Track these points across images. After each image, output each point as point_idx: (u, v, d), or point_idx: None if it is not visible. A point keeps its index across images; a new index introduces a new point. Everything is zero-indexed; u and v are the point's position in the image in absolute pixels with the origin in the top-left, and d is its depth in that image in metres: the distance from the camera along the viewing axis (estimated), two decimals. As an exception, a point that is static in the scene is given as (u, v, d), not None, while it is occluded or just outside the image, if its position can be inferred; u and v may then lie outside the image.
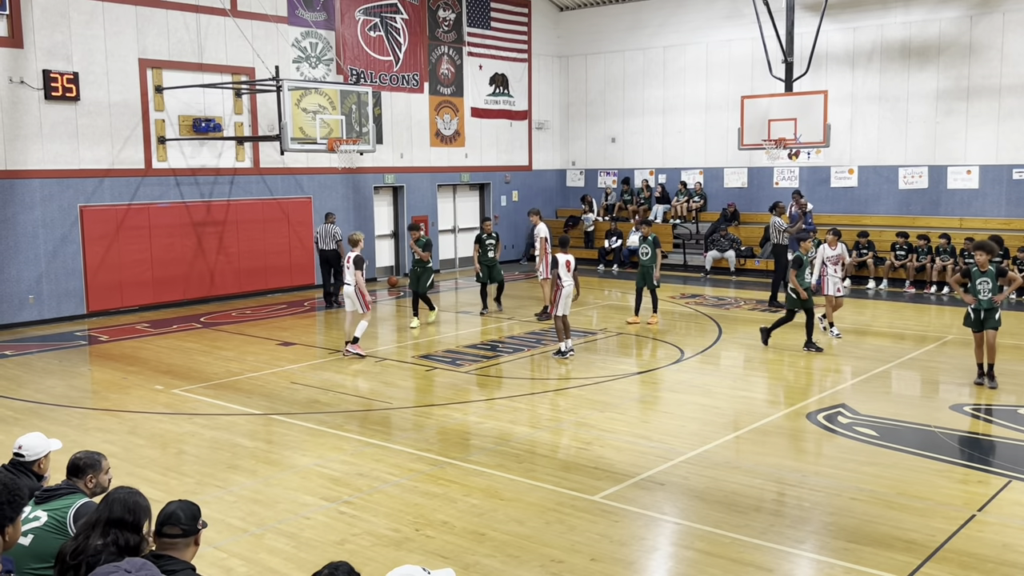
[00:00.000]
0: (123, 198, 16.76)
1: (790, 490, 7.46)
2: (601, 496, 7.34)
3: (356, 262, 12.79)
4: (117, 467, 7.79)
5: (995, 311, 10.73)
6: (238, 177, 18.56)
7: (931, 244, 18.97)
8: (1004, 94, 19.19)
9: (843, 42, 20.97)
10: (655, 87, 24.20)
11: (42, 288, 15.80)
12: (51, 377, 11.93)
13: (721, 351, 13.15)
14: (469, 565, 6.11)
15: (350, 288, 12.85)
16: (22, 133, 15.40)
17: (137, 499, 4.12)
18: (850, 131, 21.03)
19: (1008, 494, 7.29)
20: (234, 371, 12.13)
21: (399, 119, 21.80)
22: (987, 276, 10.72)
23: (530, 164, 25.58)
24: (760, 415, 9.70)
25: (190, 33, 17.48)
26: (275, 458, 8.51)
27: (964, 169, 19.86)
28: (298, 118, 16.54)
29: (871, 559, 6.12)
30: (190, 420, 9.81)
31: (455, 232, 24.11)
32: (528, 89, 25.20)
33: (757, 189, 22.78)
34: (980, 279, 10.69)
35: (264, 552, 6.38)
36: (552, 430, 9.37)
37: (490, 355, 13.07)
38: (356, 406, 10.42)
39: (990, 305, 10.69)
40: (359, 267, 12.79)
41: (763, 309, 16.58)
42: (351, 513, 7.07)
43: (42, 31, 15.49)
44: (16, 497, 3.53)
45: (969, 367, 11.45)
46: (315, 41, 19.77)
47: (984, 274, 10.72)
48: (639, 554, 6.38)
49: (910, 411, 9.84)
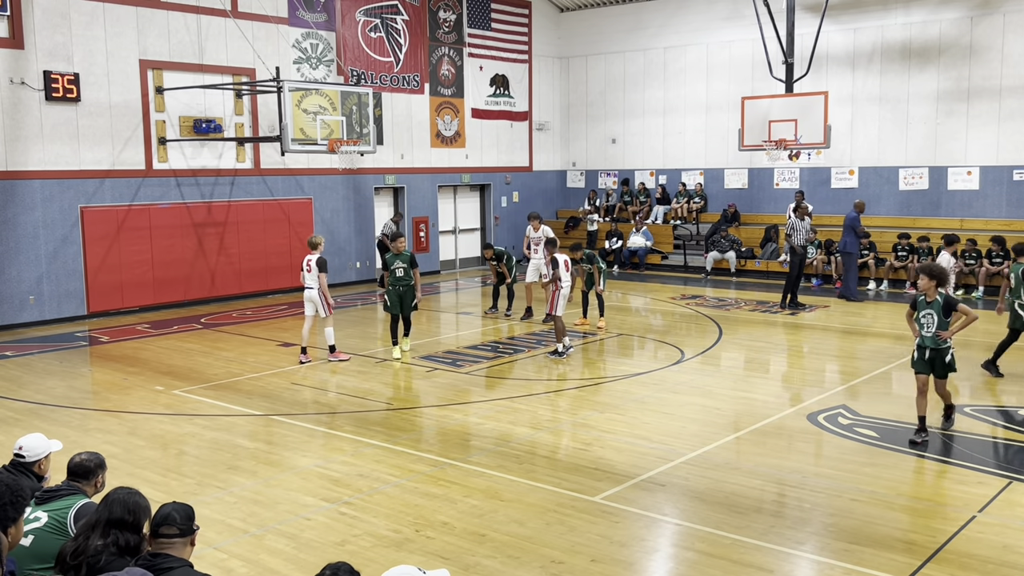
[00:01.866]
0: (124, 199, 16.77)
1: (790, 491, 7.46)
2: (601, 497, 7.34)
3: (320, 264, 12.61)
4: (118, 468, 7.81)
5: (945, 352, 8.62)
6: (239, 178, 18.57)
7: (932, 245, 18.96)
8: (1004, 95, 19.19)
9: (843, 43, 20.98)
10: (656, 88, 24.21)
11: (43, 289, 15.81)
12: (51, 378, 11.93)
13: (721, 352, 13.15)
14: (469, 566, 6.11)
15: (313, 292, 12.63)
16: (23, 134, 15.41)
17: (137, 499, 4.14)
18: (850, 132, 21.03)
19: (1008, 495, 7.30)
20: (235, 372, 12.14)
21: (400, 120, 21.81)
22: (932, 308, 8.59)
23: (530, 165, 25.59)
24: (761, 416, 9.71)
25: (191, 34, 17.50)
26: (275, 459, 8.51)
27: (965, 170, 19.86)
28: (299, 119, 16.54)
29: (871, 560, 6.12)
30: (191, 421, 9.81)
31: (455, 233, 24.12)
32: (529, 90, 25.22)
33: (757, 190, 22.79)
34: (924, 311, 8.64)
35: (264, 553, 6.38)
36: (552, 431, 9.38)
37: (490, 356, 13.07)
38: (356, 407, 10.43)
39: (935, 344, 8.60)
40: (323, 270, 12.60)
41: (774, 311, 16.48)
42: (351, 514, 7.07)
43: (43, 32, 15.50)
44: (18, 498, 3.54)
45: (969, 368, 11.44)
46: (316, 42, 19.78)
47: (929, 305, 8.61)
48: (639, 555, 6.38)
49: (910, 412, 9.82)
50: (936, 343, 8.58)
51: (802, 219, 17.03)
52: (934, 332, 8.54)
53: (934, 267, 8.67)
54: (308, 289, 12.67)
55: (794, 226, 17.03)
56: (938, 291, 8.58)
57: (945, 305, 8.53)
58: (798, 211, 17.20)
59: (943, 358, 8.64)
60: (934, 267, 8.67)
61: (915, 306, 8.75)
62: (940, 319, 8.53)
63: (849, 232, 17.55)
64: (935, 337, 8.56)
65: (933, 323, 8.56)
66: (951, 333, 8.54)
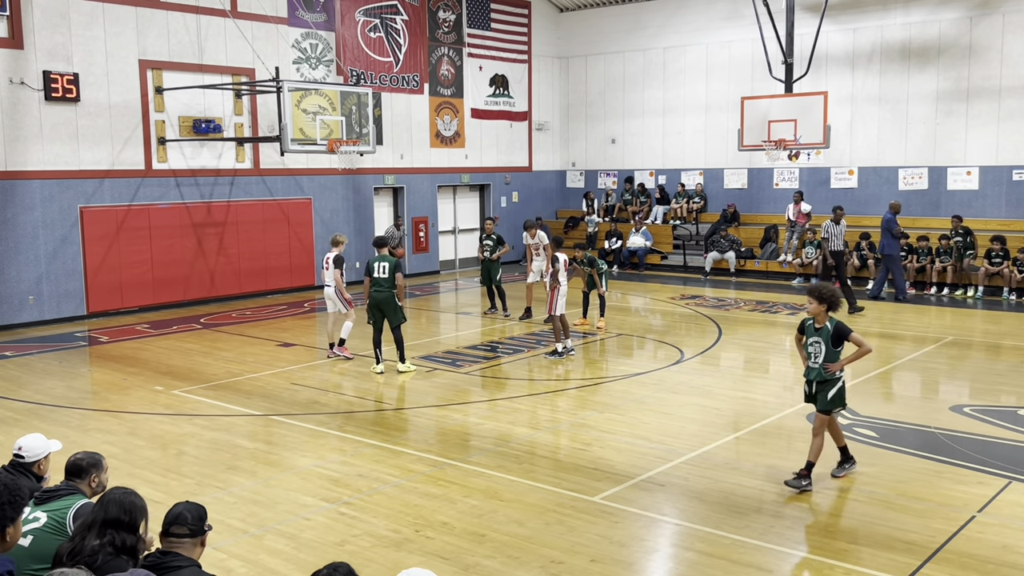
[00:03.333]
0: (123, 199, 16.76)
1: (790, 491, 7.46)
2: (601, 497, 7.34)
3: (336, 262, 12.73)
4: (117, 468, 7.80)
5: (830, 385, 7.45)
6: (238, 178, 18.56)
7: (931, 245, 18.98)
8: (1004, 95, 19.19)
9: (843, 43, 20.98)
10: (655, 88, 24.21)
11: (42, 289, 15.80)
12: (51, 378, 11.92)
13: (721, 352, 13.15)
14: (469, 566, 6.11)
15: (330, 289, 12.79)
16: (22, 134, 15.40)
17: (133, 499, 4.14)
18: (850, 132, 21.03)
19: (1008, 495, 7.29)
20: (234, 372, 12.13)
21: (399, 120, 21.81)
22: (820, 336, 7.48)
23: (530, 165, 25.59)
24: (760, 416, 9.70)
25: (190, 34, 17.49)
26: (275, 459, 8.51)
27: (964, 170, 19.87)
28: (298, 119, 16.55)
29: (871, 560, 6.12)
30: (190, 421, 9.81)
31: (455, 233, 24.12)
32: (528, 90, 25.21)
33: (757, 190, 22.80)
34: (812, 338, 7.54)
35: (264, 553, 6.38)
36: (552, 431, 9.37)
37: (490, 356, 13.07)
38: (356, 407, 10.43)
39: (821, 376, 7.47)
40: (338, 267, 12.72)
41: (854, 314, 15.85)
42: (351, 514, 7.07)
43: (42, 32, 15.50)
44: (17, 497, 3.53)
45: (969, 367, 11.43)
46: (315, 42, 19.77)
47: (818, 332, 7.50)
48: (639, 555, 6.38)
49: (910, 412, 9.84)
50: (822, 375, 7.45)
51: (838, 223, 16.73)
52: (821, 363, 7.45)
53: (824, 288, 7.53)
54: (326, 287, 12.78)
55: (829, 231, 16.70)
56: (829, 316, 7.48)
57: (835, 334, 7.39)
58: (834, 215, 16.78)
59: (825, 393, 7.45)
60: (824, 288, 7.53)
61: (803, 330, 7.67)
62: (828, 349, 7.42)
63: (886, 234, 17.53)
64: (822, 369, 7.44)
65: (821, 353, 7.46)
66: (839, 367, 7.42)
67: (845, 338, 7.41)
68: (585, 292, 15.24)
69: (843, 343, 7.44)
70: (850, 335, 7.41)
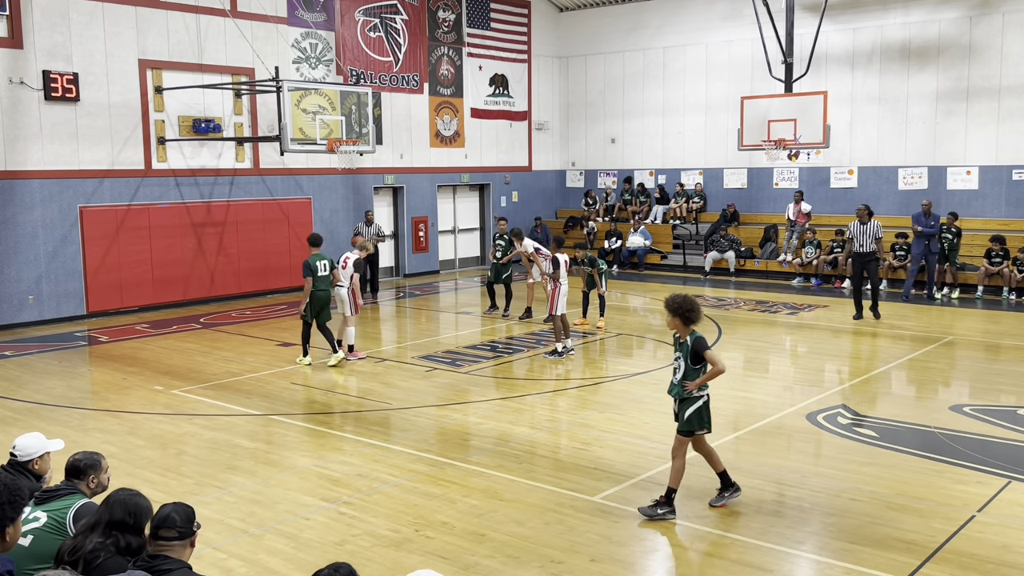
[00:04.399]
0: (123, 199, 16.76)
1: (790, 491, 7.46)
2: (601, 497, 7.34)
3: (356, 265, 12.84)
4: (117, 468, 7.80)
5: (688, 404, 6.86)
6: (238, 178, 18.56)
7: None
8: (1004, 95, 19.19)
9: (843, 43, 20.98)
10: (655, 88, 24.21)
11: (42, 289, 15.80)
12: (51, 378, 11.92)
13: (721, 352, 13.13)
14: (469, 566, 6.11)
15: (343, 291, 12.75)
16: (22, 134, 15.40)
17: (138, 500, 4.13)
18: (850, 132, 21.03)
19: (1008, 495, 7.29)
20: (234, 372, 12.13)
21: (399, 120, 21.81)
22: (682, 351, 6.91)
23: (530, 165, 25.59)
24: (760, 416, 9.70)
25: (190, 34, 17.49)
26: (275, 459, 8.51)
27: (964, 170, 19.87)
28: (298, 119, 16.54)
29: (871, 560, 6.12)
30: (190, 421, 9.81)
31: (455, 233, 24.12)
32: (528, 90, 25.21)
33: (757, 190, 22.80)
34: (676, 352, 7.01)
35: (264, 553, 6.38)
36: (551, 431, 9.37)
37: (490, 356, 13.07)
38: (356, 407, 10.43)
39: (680, 394, 6.90)
40: (357, 270, 12.82)
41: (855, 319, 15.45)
42: (351, 514, 7.07)
43: (42, 32, 15.49)
44: (16, 497, 3.53)
45: (969, 367, 11.44)
46: (315, 42, 19.77)
47: (680, 347, 6.95)
48: (639, 555, 6.38)
49: (910, 412, 9.84)
50: (681, 393, 6.88)
51: (863, 223, 15.50)
52: (679, 380, 6.89)
53: (678, 300, 6.83)
54: (339, 287, 12.78)
55: (855, 231, 15.56)
56: (691, 330, 6.84)
57: (693, 350, 6.79)
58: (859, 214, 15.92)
59: (683, 413, 6.87)
60: (678, 300, 6.83)
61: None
62: (687, 366, 6.83)
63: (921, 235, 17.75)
64: (681, 387, 6.87)
65: (680, 369, 6.88)
66: (695, 386, 6.80)
67: (700, 356, 6.79)
68: (585, 292, 15.26)
69: (703, 360, 6.81)
70: (704, 353, 6.76)
